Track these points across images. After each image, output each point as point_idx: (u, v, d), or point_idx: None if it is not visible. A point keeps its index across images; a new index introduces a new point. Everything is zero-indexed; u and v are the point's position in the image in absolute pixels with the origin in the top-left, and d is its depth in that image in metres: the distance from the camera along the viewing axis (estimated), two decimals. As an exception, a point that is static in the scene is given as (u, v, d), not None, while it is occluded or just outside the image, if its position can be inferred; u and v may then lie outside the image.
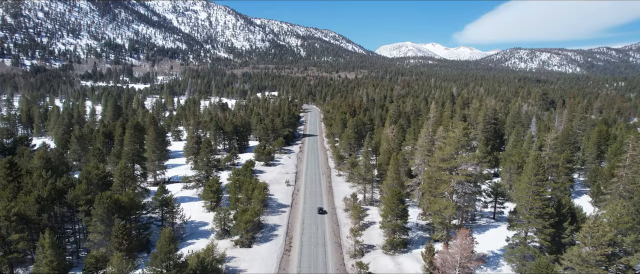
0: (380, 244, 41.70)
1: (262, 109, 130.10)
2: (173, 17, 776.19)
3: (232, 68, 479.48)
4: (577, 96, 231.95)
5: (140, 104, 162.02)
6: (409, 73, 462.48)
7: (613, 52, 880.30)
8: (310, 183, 67.36)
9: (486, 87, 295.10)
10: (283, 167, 79.46)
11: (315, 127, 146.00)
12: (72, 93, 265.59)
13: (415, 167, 49.63)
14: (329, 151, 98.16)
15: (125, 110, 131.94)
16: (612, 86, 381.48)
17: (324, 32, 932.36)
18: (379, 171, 54.65)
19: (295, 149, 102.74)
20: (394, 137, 70.59)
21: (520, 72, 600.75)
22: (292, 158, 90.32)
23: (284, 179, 68.51)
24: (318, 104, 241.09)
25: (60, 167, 46.98)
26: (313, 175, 73.38)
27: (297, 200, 58.09)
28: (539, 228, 33.90)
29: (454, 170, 34.91)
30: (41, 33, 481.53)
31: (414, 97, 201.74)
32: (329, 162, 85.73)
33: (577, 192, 64.11)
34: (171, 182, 65.03)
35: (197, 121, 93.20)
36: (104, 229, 37.89)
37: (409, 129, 74.96)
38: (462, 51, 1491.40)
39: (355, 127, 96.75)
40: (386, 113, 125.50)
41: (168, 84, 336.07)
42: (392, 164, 44.93)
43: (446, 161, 34.79)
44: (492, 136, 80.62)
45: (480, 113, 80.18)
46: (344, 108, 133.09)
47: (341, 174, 73.13)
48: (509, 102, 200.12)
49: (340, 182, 68.70)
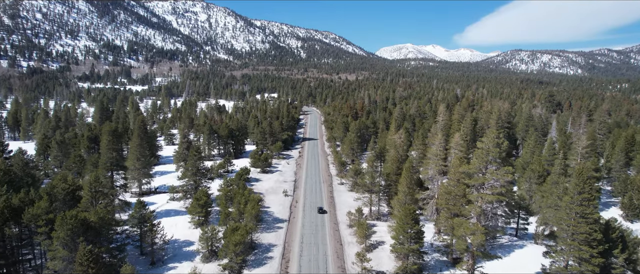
0: (391, 270, 35.97)
1: (260, 111, 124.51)
2: (173, 18, 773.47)
3: (231, 70, 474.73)
4: (583, 98, 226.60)
5: (134, 106, 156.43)
6: (410, 75, 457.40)
7: (614, 53, 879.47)
8: (310, 193, 61.62)
9: (489, 88, 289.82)
10: (281, 174, 73.73)
11: (316, 130, 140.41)
12: (67, 95, 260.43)
13: (427, 178, 43.96)
14: (330, 155, 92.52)
15: (118, 112, 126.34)
16: (616, 87, 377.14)
17: (324, 33, 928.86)
18: (386, 181, 48.99)
19: (295, 154, 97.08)
20: (402, 143, 64.79)
21: (522, 74, 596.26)
22: (291, 164, 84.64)
23: (281, 188, 62.79)
24: (318, 106, 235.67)
25: (24, 179, 41.35)
26: (313, 184, 67.69)
27: (295, 213, 52.36)
28: (585, 258, 28.17)
29: (482, 187, 29.31)
30: (39, 34, 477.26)
31: (417, 99, 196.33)
32: (330, 168, 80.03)
33: (604, 203, 58.36)
34: (158, 193, 59.35)
35: (188, 124, 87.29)
36: (67, 254, 32.18)
37: (416, 134, 69.29)
38: (463, 53, 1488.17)
39: (358, 131, 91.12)
40: (390, 116, 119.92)
41: (166, 85, 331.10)
42: (405, 177, 39.06)
43: (473, 177, 29.18)
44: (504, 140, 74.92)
45: (493, 116, 74.52)
46: (345, 110, 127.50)
47: (344, 182, 67.44)
48: (514, 104, 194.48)
49: (342, 192, 62.97)
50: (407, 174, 38.30)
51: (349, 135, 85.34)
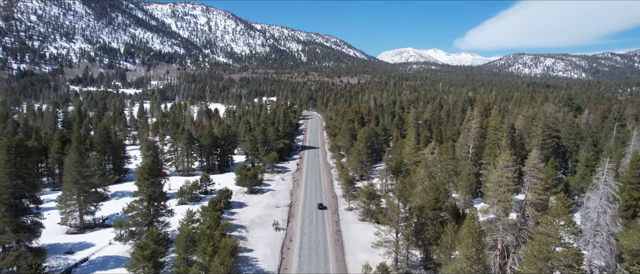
0: None
1: (253, 116, 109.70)
2: (172, 21, 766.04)
3: (230, 73, 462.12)
4: (601, 101, 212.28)
5: (117, 110, 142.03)
6: (413, 78, 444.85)
7: (618, 57, 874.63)
8: (310, 225, 46.71)
9: (498, 92, 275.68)
10: (273, 195, 58.82)
11: (317, 137, 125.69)
12: (54, 98, 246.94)
13: (487, 219, 29.10)
14: (334, 169, 77.71)
15: (98, 116, 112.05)
16: (626, 91, 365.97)
17: (325, 37, 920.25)
18: (418, 217, 34.27)
19: (292, 166, 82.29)
20: (434, 161, 49.17)
21: (526, 78, 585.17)
22: (286, 180, 69.83)
23: (272, 218, 47.94)
24: (319, 110, 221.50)
25: None
26: (314, 209, 52.84)
27: (289, 260, 37.37)
28: None
29: None
30: (33, 36, 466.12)
31: (426, 103, 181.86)
32: (334, 186, 65.18)
33: None
34: (105, 226, 44.52)
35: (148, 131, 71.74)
36: None
37: (444, 146, 54.41)
38: (464, 57, 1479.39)
39: (368, 140, 76.40)
40: (401, 122, 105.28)
41: (160, 89, 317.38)
42: (468, 232, 23.16)
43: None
44: (551, 153, 60.16)
45: (538, 124, 59.73)
46: (350, 115, 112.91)
47: (353, 207, 52.60)
48: (532, 107, 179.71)
49: (352, 222, 48.04)
50: (471, 227, 22.85)
51: (357, 145, 70.72)
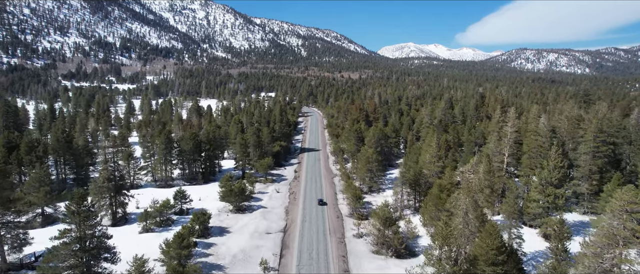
0: None
1: (246, 115, 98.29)
2: (170, 15, 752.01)
3: (229, 68, 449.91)
4: (615, 97, 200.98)
5: (101, 107, 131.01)
6: (415, 73, 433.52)
7: (621, 52, 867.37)
8: (308, 262, 35.85)
9: (508, 88, 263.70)
10: (264, 215, 47.98)
11: (317, 138, 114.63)
12: (43, 93, 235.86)
13: None
14: (338, 177, 66.94)
15: (84, 113, 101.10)
16: (634, 86, 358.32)
17: (326, 32, 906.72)
18: (457, 264, 23.68)
19: (289, 174, 71.47)
20: (480, 184, 37.68)
21: (529, 73, 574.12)
22: (282, 192, 59.05)
23: (260, 250, 37.15)
24: (320, 106, 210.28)
25: None
26: (314, 234, 42.10)
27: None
28: None
29: None
30: (26, 30, 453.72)
31: (432, 99, 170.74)
32: (338, 202, 54.37)
33: None
34: (33, 268, 33.64)
35: (129, 131, 58.83)
36: None
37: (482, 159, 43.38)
38: (465, 52, 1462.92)
39: (377, 144, 65.49)
40: (412, 121, 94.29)
41: (155, 84, 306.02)
42: None
43: None
44: (606, 163, 49.26)
45: (588, 127, 48.81)
46: (354, 113, 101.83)
47: (363, 234, 41.87)
48: (547, 104, 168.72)
49: (364, 257, 37.21)
50: None
51: (364, 150, 59.88)
